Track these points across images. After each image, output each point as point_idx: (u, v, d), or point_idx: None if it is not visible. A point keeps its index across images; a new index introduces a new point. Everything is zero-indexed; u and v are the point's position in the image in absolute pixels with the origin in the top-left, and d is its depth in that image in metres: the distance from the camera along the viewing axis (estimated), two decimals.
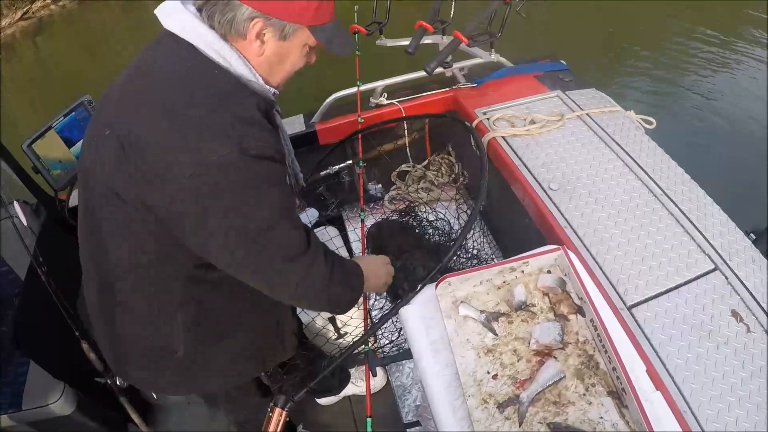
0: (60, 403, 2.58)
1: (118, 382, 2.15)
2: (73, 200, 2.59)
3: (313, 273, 1.53)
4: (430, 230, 2.80)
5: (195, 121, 1.30)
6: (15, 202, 2.38)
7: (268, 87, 1.52)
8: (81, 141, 2.35)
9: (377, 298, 2.65)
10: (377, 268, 1.92)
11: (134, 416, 2.46)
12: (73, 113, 2.36)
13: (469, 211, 3.14)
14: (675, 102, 6.27)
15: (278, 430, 1.58)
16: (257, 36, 1.40)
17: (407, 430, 2.44)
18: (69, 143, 2.34)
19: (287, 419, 1.60)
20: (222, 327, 1.70)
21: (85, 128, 2.25)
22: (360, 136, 2.85)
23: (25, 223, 2.29)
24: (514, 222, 2.69)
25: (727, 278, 2.10)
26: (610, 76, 6.77)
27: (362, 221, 2.58)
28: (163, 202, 1.34)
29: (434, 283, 1.74)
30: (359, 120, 2.95)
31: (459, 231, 2.80)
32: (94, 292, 1.68)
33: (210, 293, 1.61)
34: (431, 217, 2.88)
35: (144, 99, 1.37)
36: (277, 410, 1.59)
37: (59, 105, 2.40)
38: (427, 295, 1.77)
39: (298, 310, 2.41)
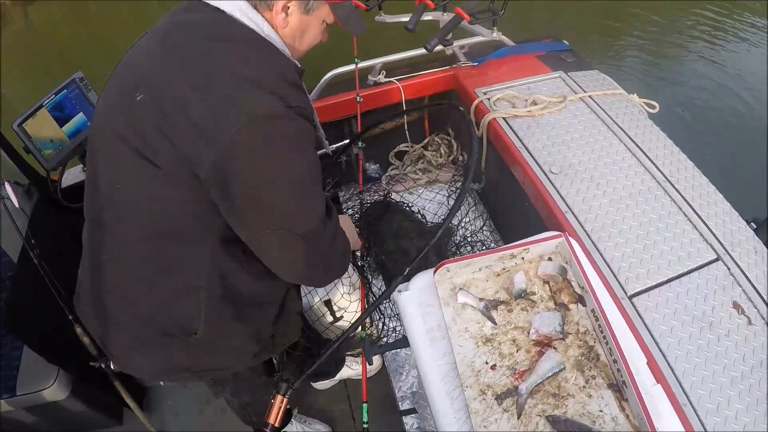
0: (54, 388, 2.57)
1: (112, 367, 2.13)
2: (66, 180, 2.54)
3: (339, 239, 1.61)
4: (426, 212, 2.75)
5: (241, 78, 1.33)
6: (6, 183, 2.31)
7: (294, 59, 1.58)
8: (73, 119, 2.32)
9: (374, 282, 2.62)
10: (349, 229, 2.02)
11: (129, 400, 2.43)
12: (65, 91, 2.29)
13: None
14: (677, 86, 6.22)
15: (279, 416, 1.58)
16: (283, 8, 1.46)
17: (403, 417, 2.42)
18: (61, 122, 2.27)
19: (287, 405, 1.61)
20: (242, 306, 1.67)
21: (78, 106, 2.26)
22: (359, 115, 2.80)
23: (16, 205, 2.23)
24: (514, 206, 2.65)
25: (729, 269, 2.06)
26: (612, 58, 6.70)
27: (361, 202, 2.54)
28: (210, 162, 1.32)
29: (432, 269, 1.69)
30: (358, 99, 2.90)
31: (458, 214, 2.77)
32: (91, 275, 1.64)
33: (234, 269, 1.58)
34: (429, 198, 2.84)
35: (182, 60, 1.38)
36: (279, 397, 1.59)
37: (52, 79, 2.34)
38: (425, 281, 1.73)
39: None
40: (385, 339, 2.50)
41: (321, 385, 3.14)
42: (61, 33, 7.91)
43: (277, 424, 1.61)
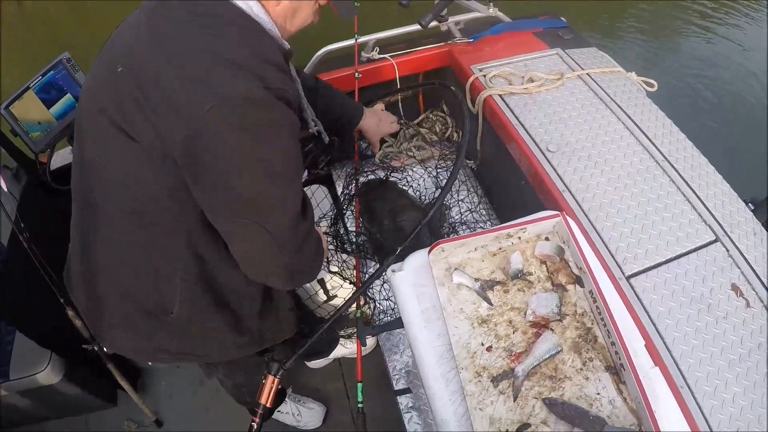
0: (47, 372, 2.57)
1: (105, 349, 2.12)
2: (55, 163, 2.50)
3: (311, 243, 1.55)
4: (421, 190, 2.71)
5: (219, 57, 1.28)
6: None
7: (284, 39, 1.54)
8: (61, 101, 2.28)
9: (368, 261, 2.59)
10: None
11: (123, 382, 2.44)
12: (52, 72, 2.24)
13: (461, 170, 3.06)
14: (675, 64, 6.17)
15: (271, 396, 1.61)
16: None
17: (397, 397, 2.39)
18: (48, 104, 2.23)
19: (279, 386, 1.64)
20: (220, 293, 1.64)
21: (65, 87, 2.23)
22: (357, 92, 2.77)
23: (5, 189, 2.21)
24: (510, 184, 2.61)
25: (728, 250, 2.03)
26: (610, 35, 6.64)
27: (355, 181, 2.50)
28: (180, 138, 1.28)
29: (427, 249, 1.65)
30: (356, 75, 2.85)
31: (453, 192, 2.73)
32: (81, 251, 1.62)
33: (211, 254, 1.55)
34: (424, 176, 2.79)
35: (164, 35, 1.33)
36: (270, 377, 1.61)
37: (41, 63, 2.28)
38: (419, 261, 1.69)
39: None
40: (379, 320, 2.47)
41: (315, 364, 3.14)
42: (53, 15, 7.79)
43: (269, 405, 1.63)
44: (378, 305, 2.51)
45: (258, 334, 1.83)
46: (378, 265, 2.38)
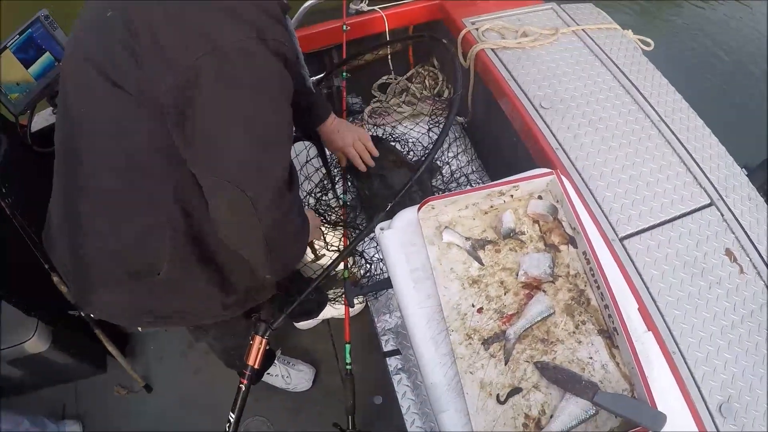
0: (34, 341, 2.56)
1: (91, 314, 2.08)
2: (36, 125, 2.39)
3: (294, 218, 1.49)
4: (410, 146, 2.65)
5: (215, 5, 1.20)
6: None
7: None
8: (39, 60, 2.17)
9: (357, 219, 2.53)
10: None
11: (111, 348, 2.41)
12: (30, 30, 2.12)
13: (452, 126, 3.00)
14: (674, 24, 6.10)
15: (259, 358, 1.59)
16: None
17: (386, 359, 2.36)
18: (27, 63, 2.12)
19: (267, 346, 1.62)
20: (209, 250, 1.57)
21: (44, 45, 2.13)
22: (345, 45, 2.70)
23: None
24: (502, 141, 2.55)
25: (722, 215, 2.00)
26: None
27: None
28: (168, 87, 1.20)
29: (416, 206, 1.59)
30: (344, 28, 2.77)
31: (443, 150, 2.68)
32: (64, 205, 1.56)
33: (199, 208, 1.46)
34: (414, 132, 2.73)
35: None
36: (257, 338, 1.60)
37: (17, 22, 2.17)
38: (408, 219, 1.62)
39: None
40: (368, 279, 2.42)
41: (304, 325, 3.12)
42: None
43: (257, 366, 1.60)
44: (367, 265, 2.46)
45: (243, 293, 1.78)
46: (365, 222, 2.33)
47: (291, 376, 2.90)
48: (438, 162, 2.58)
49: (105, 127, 1.36)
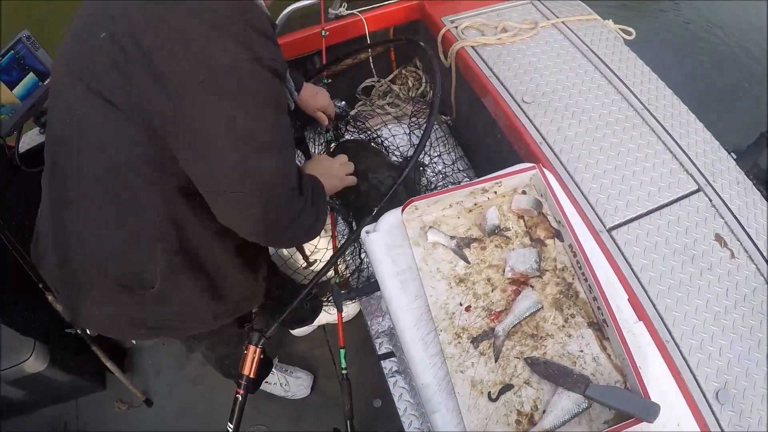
0: (32, 361, 2.54)
1: (88, 331, 2.11)
2: (24, 145, 2.41)
3: (307, 215, 1.47)
4: (396, 148, 2.64)
5: (209, 24, 1.22)
6: None
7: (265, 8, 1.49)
8: (23, 81, 2.16)
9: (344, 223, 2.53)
10: (329, 170, 1.88)
11: (109, 363, 2.41)
12: (12, 52, 2.12)
13: (436, 124, 2.99)
14: (653, 12, 6.10)
15: (254, 367, 1.59)
16: None
17: (381, 361, 2.35)
18: (11, 85, 2.12)
19: (261, 355, 1.61)
20: (200, 261, 1.58)
21: (26, 66, 2.13)
22: (324, 51, 2.70)
23: None
24: (487, 138, 2.54)
25: (711, 200, 1.99)
26: None
27: (327, 143, 2.43)
28: (166, 106, 1.23)
29: (400, 208, 1.58)
30: (323, 33, 2.76)
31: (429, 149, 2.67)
32: (51, 218, 1.56)
33: (190, 221, 1.49)
34: (399, 134, 2.73)
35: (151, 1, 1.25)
36: (251, 348, 1.59)
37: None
38: (393, 220, 1.62)
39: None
40: (358, 283, 2.42)
41: (300, 331, 3.12)
42: None
43: (252, 375, 1.60)
44: (358, 268, 2.46)
45: (234, 302, 1.79)
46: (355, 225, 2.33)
47: (289, 383, 2.89)
48: (425, 159, 2.57)
49: (93, 140, 1.37)
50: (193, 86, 1.20)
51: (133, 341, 3.01)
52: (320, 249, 2.64)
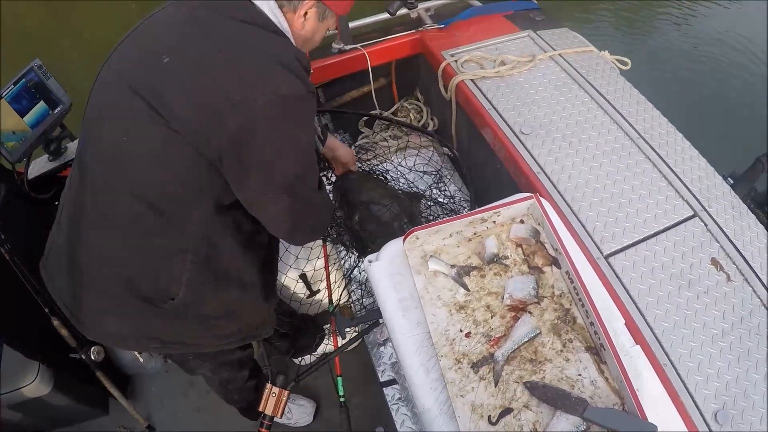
0: (36, 384, 2.54)
1: (93, 357, 2.14)
2: (32, 172, 2.47)
3: (326, 206, 1.79)
4: (398, 179, 2.69)
5: (272, 59, 1.44)
6: None
7: None
8: (34, 109, 2.24)
9: (344, 255, 2.57)
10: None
11: (112, 390, 2.42)
12: (23, 80, 2.20)
13: (438, 157, 3.05)
14: (649, 43, 6.18)
15: (281, 408, 1.73)
16: (304, 13, 1.58)
17: (383, 389, 2.38)
18: (22, 113, 2.19)
19: (287, 397, 1.75)
20: (224, 275, 1.69)
21: (37, 95, 2.23)
22: (317, 91, 2.78)
23: None
24: (485, 168, 2.59)
25: (706, 225, 2.03)
26: (582, 16, 6.63)
27: (331, 169, 2.48)
28: (233, 125, 1.39)
29: (401, 238, 1.64)
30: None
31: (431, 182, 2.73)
32: (69, 234, 1.64)
33: (221, 236, 1.63)
34: (401, 165, 2.78)
35: (217, 34, 1.45)
36: (279, 390, 1.73)
37: (13, 70, 2.24)
38: (394, 250, 1.68)
39: None
40: (360, 311, 2.46)
41: (303, 360, 3.12)
42: (28, 21, 7.68)
43: (279, 416, 1.74)
44: (360, 297, 2.50)
45: (245, 323, 1.88)
46: (356, 256, 2.38)
47: (292, 411, 2.90)
48: (424, 192, 2.63)
49: (144, 158, 1.49)
50: (264, 111, 1.38)
51: (144, 362, 3.02)
52: (322, 280, 2.68)
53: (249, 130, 1.40)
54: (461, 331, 1.51)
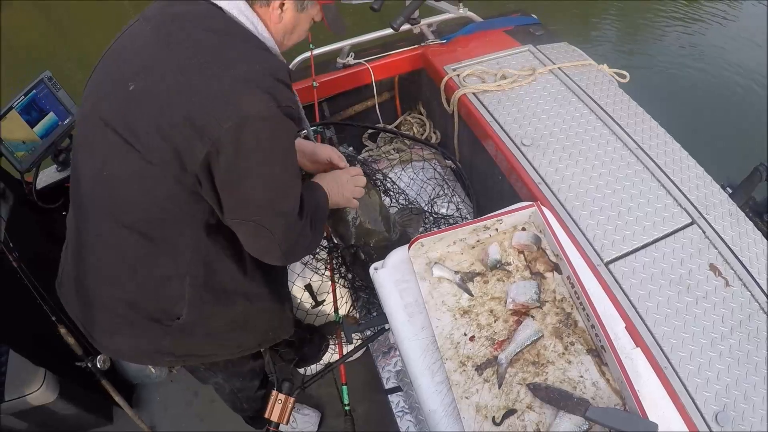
0: (42, 391, 2.55)
1: (98, 365, 2.12)
2: (41, 182, 2.51)
3: (304, 236, 1.62)
4: (401, 191, 2.72)
5: (236, 75, 1.35)
6: None
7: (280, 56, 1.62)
8: (44, 119, 2.30)
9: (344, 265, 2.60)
10: (341, 185, 1.92)
11: (117, 398, 2.43)
12: (34, 91, 2.25)
13: (440, 168, 3.09)
14: (648, 55, 6.23)
15: (287, 415, 1.73)
16: (279, 5, 1.51)
17: (388, 396, 2.41)
18: (31, 123, 2.25)
19: (294, 403, 1.76)
20: (225, 292, 1.68)
21: (48, 106, 2.27)
22: (317, 102, 2.88)
23: None
24: (487, 179, 2.64)
25: (704, 232, 2.07)
26: (582, 30, 6.69)
27: None
28: (201, 152, 1.34)
29: (407, 245, 1.68)
30: (314, 84, 2.91)
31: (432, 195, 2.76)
32: (75, 256, 1.64)
33: (217, 257, 1.60)
34: (404, 177, 2.81)
35: (179, 52, 1.39)
36: (281, 395, 1.72)
37: (20, 81, 2.29)
38: (400, 257, 1.72)
39: None
40: (365, 319, 2.49)
41: (307, 370, 3.14)
42: (31, 33, 7.75)
43: (285, 423, 1.73)
44: (367, 305, 2.53)
45: (262, 332, 1.88)
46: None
47: (296, 420, 2.90)
48: (421, 208, 2.65)
49: (123, 186, 1.46)
50: (229, 134, 1.31)
51: (150, 372, 3.03)
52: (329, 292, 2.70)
53: (215, 155, 1.34)
54: (465, 334, 1.54)
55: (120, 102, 1.41)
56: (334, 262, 2.35)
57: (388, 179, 2.67)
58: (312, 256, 2.47)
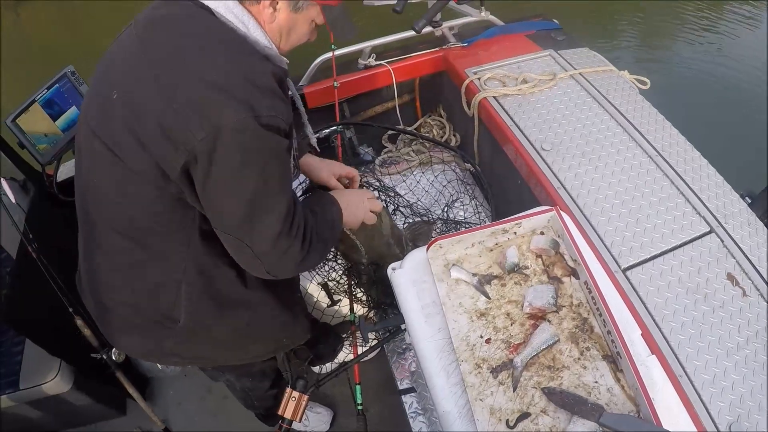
0: (57, 381, 2.58)
1: (113, 357, 2.14)
2: (62, 174, 2.55)
3: (291, 252, 1.51)
4: (420, 194, 2.74)
5: (211, 84, 1.29)
6: (2, 179, 2.31)
7: (281, 56, 1.55)
8: (66, 113, 2.33)
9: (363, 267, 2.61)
10: (355, 206, 1.86)
11: (131, 390, 2.45)
12: (57, 85, 2.28)
13: (459, 171, 3.09)
14: (669, 63, 6.20)
15: (300, 413, 1.73)
16: (271, 3, 1.43)
17: (402, 396, 2.42)
18: (54, 116, 2.28)
19: (307, 402, 1.76)
20: (226, 300, 1.66)
21: (70, 100, 2.28)
22: (337, 102, 2.87)
23: (13, 200, 2.22)
24: (507, 183, 2.64)
25: (722, 241, 2.06)
26: (603, 35, 6.66)
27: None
28: (177, 163, 1.31)
29: (425, 246, 1.69)
30: (335, 84, 2.93)
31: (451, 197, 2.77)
32: (84, 258, 1.66)
33: (213, 264, 1.58)
34: (423, 179, 2.82)
35: (154, 59, 1.35)
36: (295, 393, 1.72)
37: (41, 77, 2.32)
38: (418, 258, 1.73)
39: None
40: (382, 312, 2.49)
41: (321, 368, 3.15)
42: (50, 31, 7.83)
43: (298, 420, 1.73)
44: (383, 306, 2.54)
45: (273, 340, 1.87)
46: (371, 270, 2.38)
47: (309, 418, 2.91)
48: (432, 218, 2.66)
49: (111, 195, 1.47)
50: (202, 147, 1.27)
51: (164, 367, 3.05)
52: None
53: (194, 164, 1.31)
54: (481, 337, 1.55)
55: (104, 111, 1.41)
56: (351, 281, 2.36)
57: (399, 197, 2.67)
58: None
